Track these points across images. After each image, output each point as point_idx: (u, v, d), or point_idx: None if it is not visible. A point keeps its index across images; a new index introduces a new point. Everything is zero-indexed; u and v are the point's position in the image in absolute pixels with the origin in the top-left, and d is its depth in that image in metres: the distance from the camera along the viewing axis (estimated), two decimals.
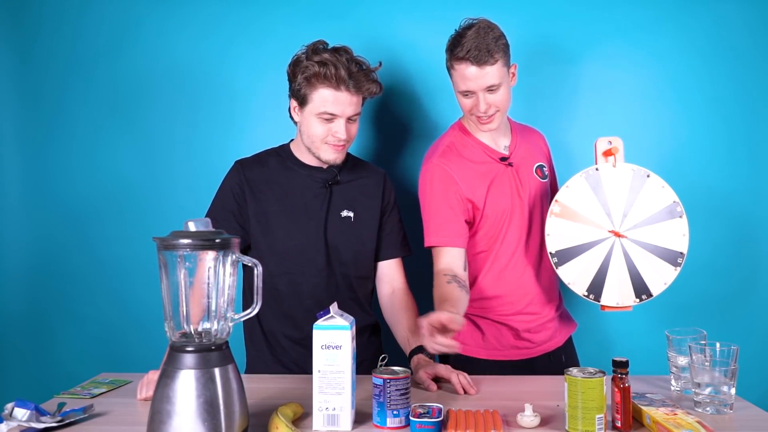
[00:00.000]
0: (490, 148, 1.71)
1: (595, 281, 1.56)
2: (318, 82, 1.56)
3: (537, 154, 1.78)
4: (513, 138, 1.76)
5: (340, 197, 1.70)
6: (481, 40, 1.56)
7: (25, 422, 1.20)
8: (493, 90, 1.60)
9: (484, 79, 1.58)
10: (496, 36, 1.59)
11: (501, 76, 1.59)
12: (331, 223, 1.68)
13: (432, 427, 1.15)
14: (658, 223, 1.57)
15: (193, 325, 1.14)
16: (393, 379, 1.20)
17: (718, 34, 2.06)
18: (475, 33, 1.57)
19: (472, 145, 1.71)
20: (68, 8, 2.16)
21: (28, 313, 2.22)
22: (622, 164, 1.58)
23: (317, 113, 1.58)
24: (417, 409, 1.18)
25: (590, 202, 1.58)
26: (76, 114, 2.17)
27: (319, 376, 1.20)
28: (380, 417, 1.21)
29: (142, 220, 2.14)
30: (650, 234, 1.57)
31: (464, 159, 1.69)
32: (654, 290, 1.56)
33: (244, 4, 2.12)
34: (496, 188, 1.68)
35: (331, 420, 1.20)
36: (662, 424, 1.14)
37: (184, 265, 1.12)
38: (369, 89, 1.60)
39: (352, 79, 1.56)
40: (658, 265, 1.56)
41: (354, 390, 1.23)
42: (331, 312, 1.21)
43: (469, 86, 1.60)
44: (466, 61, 1.57)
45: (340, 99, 1.56)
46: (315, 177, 1.69)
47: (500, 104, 1.62)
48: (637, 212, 1.57)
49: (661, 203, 1.57)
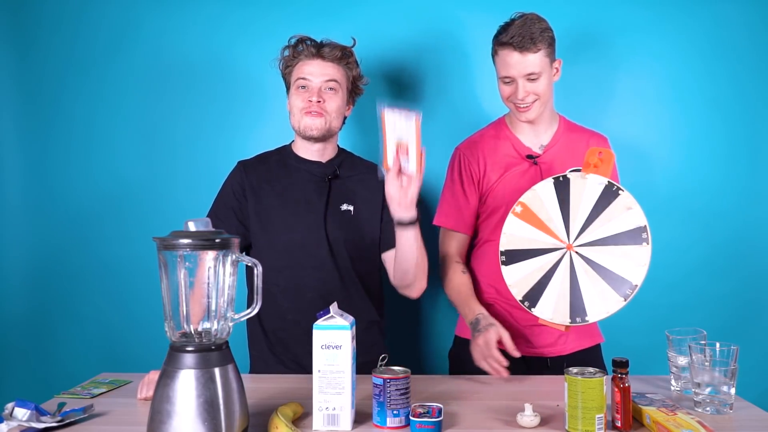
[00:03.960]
0: (522, 144, 1.73)
1: (534, 289, 1.50)
2: (293, 62, 1.71)
3: (579, 157, 1.65)
4: (554, 138, 1.73)
5: (340, 191, 1.71)
6: (527, 29, 1.59)
7: (25, 422, 1.20)
8: (533, 78, 1.62)
9: (525, 65, 1.60)
10: (542, 27, 1.61)
11: (542, 65, 1.62)
12: (331, 216, 1.69)
13: (432, 427, 1.15)
14: (617, 246, 1.44)
15: (193, 325, 1.14)
16: (393, 379, 1.20)
17: (718, 34, 2.06)
18: (522, 22, 1.61)
19: (504, 137, 1.74)
20: (68, 8, 2.16)
21: (28, 313, 2.22)
22: (594, 176, 1.49)
23: (294, 86, 1.70)
24: (417, 409, 1.18)
25: (552, 209, 1.51)
26: (76, 113, 2.17)
27: (319, 375, 1.20)
28: (380, 417, 1.21)
29: (142, 220, 2.14)
30: (605, 255, 1.44)
31: (488, 150, 1.73)
32: (591, 316, 1.43)
33: (244, 3, 2.12)
34: (510, 182, 1.69)
35: (331, 420, 1.20)
36: (662, 424, 1.14)
37: (184, 265, 1.12)
38: (334, 54, 1.69)
39: (320, 48, 1.69)
40: (604, 292, 1.43)
41: (354, 390, 1.23)
42: (331, 312, 1.21)
43: (510, 72, 1.62)
44: (509, 46, 1.60)
45: (312, 66, 1.68)
46: (314, 171, 1.72)
47: (540, 93, 1.64)
48: (596, 229, 1.46)
49: (625, 225, 1.44)
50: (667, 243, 2.07)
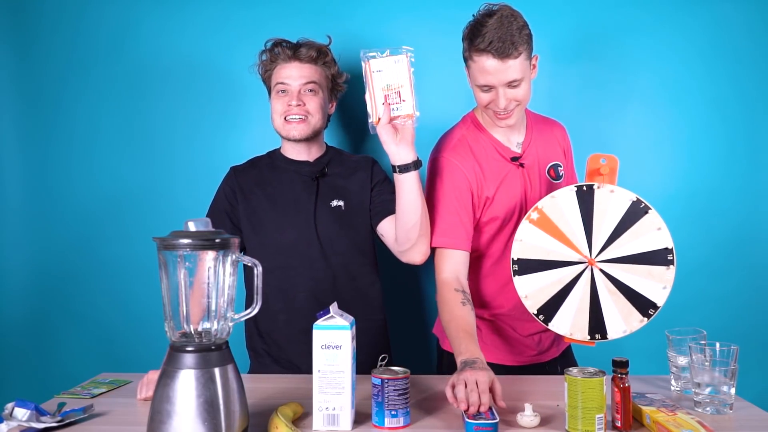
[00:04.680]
0: (503, 145, 1.61)
1: (550, 303, 1.42)
2: (272, 66, 1.72)
3: (552, 151, 1.68)
4: (528, 134, 1.65)
5: (329, 187, 1.71)
6: (505, 31, 1.42)
7: (25, 422, 1.20)
8: (514, 85, 1.47)
9: (506, 73, 1.45)
10: (520, 26, 1.44)
11: (523, 70, 1.46)
12: (321, 213, 1.69)
13: (490, 429, 1.14)
14: (642, 266, 1.39)
15: (193, 325, 1.14)
16: (391, 380, 1.20)
17: (718, 34, 2.06)
18: (497, 22, 1.43)
19: (484, 140, 1.60)
20: (68, 8, 2.16)
21: (29, 313, 2.22)
22: (621, 190, 1.41)
23: (274, 90, 1.71)
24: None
25: (573, 219, 1.42)
26: (76, 114, 2.17)
27: (319, 375, 1.20)
28: (378, 417, 1.21)
29: (142, 220, 2.14)
30: (628, 274, 1.40)
31: (475, 155, 1.58)
32: (611, 334, 1.40)
33: (244, 4, 2.12)
34: (506, 189, 1.59)
35: (331, 420, 1.20)
36: (662, 424, 1.14)
37: (184, 265, 1.12)
38: (310, 55, 1.70)
39: (296, 50, 1.70)
40: (625, 310, 1.39)
41: (354, 390, 1.24)
42: (331, 312, 1.22)
43: (489, 80, 1.47)
44: (487, 53, 1.43)
45: (290, 69, 1.69)
46: (302, 171, 1.73)
47: (521, 98, 1.50)
48: (621, 246, 1.40)
49: (651, 245, 1.39)
50: None
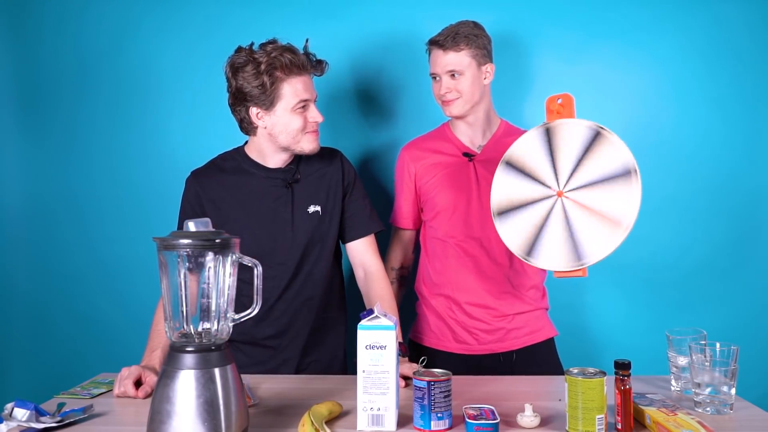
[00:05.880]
0: (462, 144, 1.79)
1: (531, 242, 1.45)
2: (284, 74, 1.54)
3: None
4: (492, 139, 1.79)
5: (304, 193, 1.66)
6: (456, 31, 1.68)
7: (25, 422, 1.20)
8: (454, 76, 1.70)
9: (446, 62, 1.69)
10: (472, 33, 1.68)
11: (465, 65, 1.69)
12: (299, 221, 1.64)
13: (490, 429, 1.14)
14: (605, 184, 1.40)
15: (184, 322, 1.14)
16: (437, 382, 1.19)
17: (718, 34, 2.06)
18: (455, 25, 1.70)
19: (444, 138, 1.81)
20: (68, 9, 2.16)
21: (28, 313, 2.22)
22: (577, 120, 1.45)
23: (293, 107, 1.56)
24: (469, 411, 1.18)
25: (540, 156, 1.47)
26: (76, 114, 2.17)
27: (363, 376, 1.19)
28: (423, 420, 1.19)
29: (142, 220, 2.14)
30: (595, 196, 1.41)
31: (428, 150, 1.81)
32: (594, 257, 1.39)
33: (243, 4, 2.12)
34: (448, 179, 1.75)
35: (375, 420, 1.19)
36: (662, 425, 1.14)
37: (184, 266, 1.12)
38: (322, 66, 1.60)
39: (309, 59, 1.58)
40: (600, 233, 1.39)
41: (398, 390, 1.23)
42: (375, 312, 1.21)
43: (434, 69, 1.73)
44: (435, 44, 1.71)
45: (308, 83, 1.58)
46: (274, 178, 1.65)
47: (461, 91, 1.70)
48: (585, 172, 1.42)
49: (612, 164, 1.41)
50: (667, 243, 2.07)
